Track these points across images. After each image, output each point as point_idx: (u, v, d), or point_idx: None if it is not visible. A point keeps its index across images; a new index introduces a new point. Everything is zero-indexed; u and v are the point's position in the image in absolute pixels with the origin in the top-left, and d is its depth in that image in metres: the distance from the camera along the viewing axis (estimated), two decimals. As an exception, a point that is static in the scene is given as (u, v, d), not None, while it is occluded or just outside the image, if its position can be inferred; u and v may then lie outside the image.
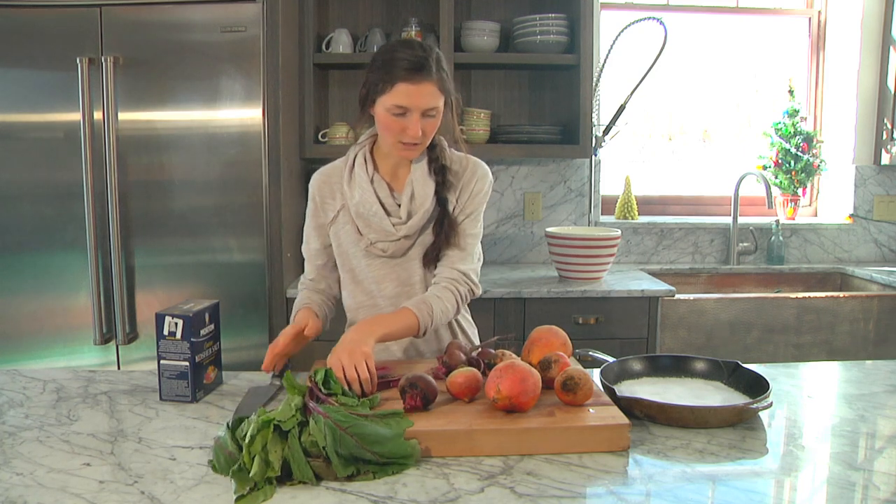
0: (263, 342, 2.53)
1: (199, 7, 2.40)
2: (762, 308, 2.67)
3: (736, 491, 1.06)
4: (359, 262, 1.66)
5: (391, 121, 1.51)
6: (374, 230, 1.62)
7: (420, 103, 1.49)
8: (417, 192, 1.61)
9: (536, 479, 1.09)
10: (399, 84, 1.48)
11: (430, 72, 1.49)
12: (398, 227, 1.60)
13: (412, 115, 1.50)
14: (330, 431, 1.06)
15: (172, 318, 1.42)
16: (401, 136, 1.52)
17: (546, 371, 1.34)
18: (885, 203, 3.34)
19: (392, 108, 1.50)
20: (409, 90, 1.48)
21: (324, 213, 1.68)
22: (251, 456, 1.04)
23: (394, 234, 1.60)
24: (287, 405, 1.13)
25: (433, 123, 1.54)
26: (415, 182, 1.61)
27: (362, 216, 1.61)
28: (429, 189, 1.61)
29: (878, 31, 3.26)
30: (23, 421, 1.33)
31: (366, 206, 1.60)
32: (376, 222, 1.61)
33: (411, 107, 1.49)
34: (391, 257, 1.64)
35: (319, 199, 1.68)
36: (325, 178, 1.69)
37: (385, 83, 1.49)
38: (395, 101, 1.49)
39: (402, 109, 1.49)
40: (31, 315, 2.51)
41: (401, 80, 1.48)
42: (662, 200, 3.47)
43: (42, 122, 2.45)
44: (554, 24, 2.84)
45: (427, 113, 1.51)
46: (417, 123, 1.50)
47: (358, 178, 1.62)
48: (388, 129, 1.53)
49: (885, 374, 1.61)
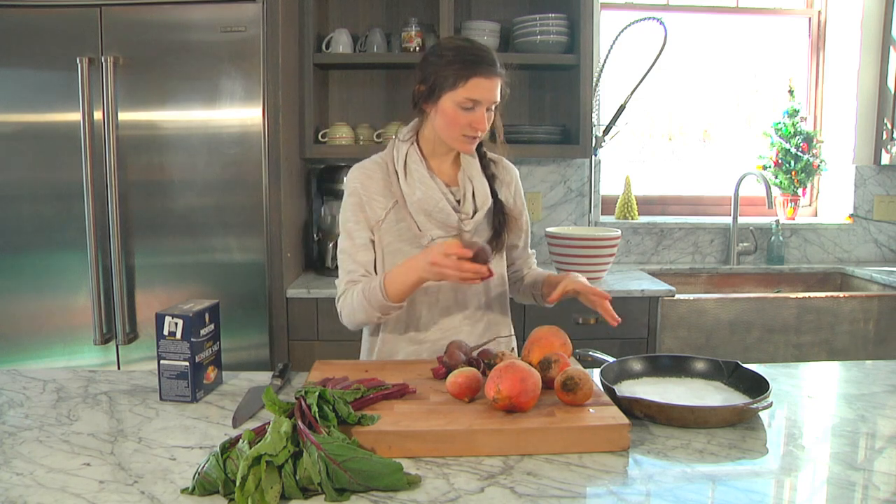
0: (263, 342, 2.53)
1: (199, 7, 2.40)
2: (762, 308, 2.67)
3: (736, 491, 1.06)
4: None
5: (459, 115, 1.56)
6: (436, 225, 1.63)
7: (491, 97, 1.56)
8: (477, 188, 1.66)
9: (536, 479, 1.09)
10: (474, 78, 1.53)
11: (498, 67, 1.57)
12: (465, 222, 1.63)
13: (480, 109, 1.56)
14: (324, 465, 1.02)
15: (172, 318, 1.42)
16: (466, 129, 1.57)
17: (546, 371, 1.34)
18: (885, 203, 3.34)
19: (463, 102, 1.54)
20: (484, 84, 1.54)
21: (371, 209, 1.66)
22: (245, 498, 0.99)
23: (461, 228, 1.63)
24: (276, 432, 1.06)
25: (492, 117, 1.61)
26: (473, 178, 1.66)
27: (426, 212, 1.62)
28: (486, 185, 1.67)
29: (878, 31, 3.26)
30: (23, 421, 1.33)
31: (430, 202, 1.62)
32: (442, 218, 1.62)
33: (483, 100, 1.55)
34: None
35: (366, 196, 1.66)
36: (369, 173, 1.68)
37: (458, 78, 1.54)
38: (469, 95, 1.54)
39: (473, 103, 1.55)
40: (31, 315, 2.51)
41: (477, 74, 1.53)
42: (662, 200, 3.47)
43: (42, 122, 2.45)
44: (554, 24, 2.84)
45: (490, 107, 1.58)
46: (484, 117, 1.57)
47: (417, 174, 1.63)
48: (454, 122, 1.57)
49: (885, 374, 1.61)
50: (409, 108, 3.29)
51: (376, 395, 1.29)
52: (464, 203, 1.65)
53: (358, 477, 1.03)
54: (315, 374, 1.44)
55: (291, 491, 1.02)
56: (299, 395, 1.18)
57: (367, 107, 3.13)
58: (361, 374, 1.43)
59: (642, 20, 2.99)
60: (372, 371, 1.47)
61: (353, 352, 2.58)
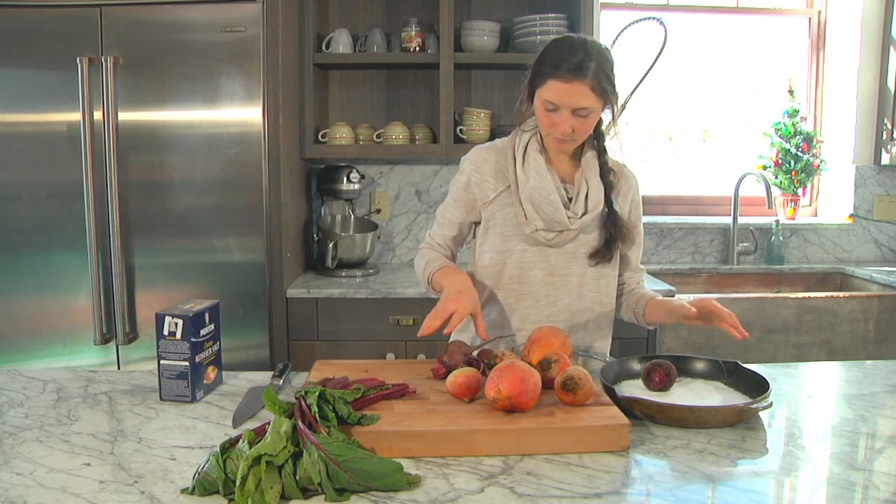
0: (263, 342, 2.53)
1: (199, 7, 2.40)
2: (762, 308, 2.67)
3: (736, 491, 1.06)
4: (514, 245, 1.66)
5: (543, 114, 1.56)
6: (542, 217, 1.62)
7: (569, 101, 1.51)
8: (592, 191, 1.63)
9: (536, 479, 1.09)
10: (550, 81, 1.51)
11: (583, 72, 1.49)
12: (572, 220, 1.61)
13: (562, 112, 1.53)
14: (324, 465, 1.02)
15: (172, 318, 1.42)
16: (550, 129, 1.56)
17: (546, 371, 1.34)
18: (885, 203, 3.34)
19: (545, 103, 1.53)
20: (559, 88, 1.50)
21: (480, 189, 1.68)
22: (245, 498, 0.99)
23: (566, 225, 1.61)
24: (276, 432, 1.06)
25: (585, 123, 1.55)
26: (589, 181, 1.64)
27: (534, 202, 1.61)
28: (601, 190, 1.64)
29: (878, 31, 3.26)
30: (23, 421, 1.32)
31: (542, 192, 1.60)
32: (550, 211, 1.61)
33: (560, 104, 1.52)
34: (551, 246, 1.65)
35: (478, 176, 1.68)
36: (487, 155, 1.69)
37: (540, 77, 1.53)
38: (546, 97, 1.52)
39: (552, 105, 1.52)
40: (31, 315, 2.51)
41: (552, 77, 1.51)
42: (662, 200, 3.47)
43: (42, 122, 2.45)
44: (554, 24, 2.84)
45: (577, 112, 1.52)
46: (566, 121, 1.53)
47: (534, 164, 1.62)
48: (540, 121, 1.58)
49: (885, 374, 1.61)
50: (414, 109, 3.31)
51: (376, 395, 1.29)
52: (575, 202, 1.62)
53: (358, 477, 1.03)
54: (315, 374, 1.44)
55: (291, 491, 1.02)
56: (299, 395, 1.18)
57: (367, 107, 3.13)
58: (361, 374, 1.43)
59: (642, 20, 2.98)
60: (372, 371, 1.47)
61: (354, 352, 2.60)
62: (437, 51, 2.86)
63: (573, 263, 1.67)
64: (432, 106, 3.09)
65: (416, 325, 2.50)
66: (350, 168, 2.94)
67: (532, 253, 1.66)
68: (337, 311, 2.60)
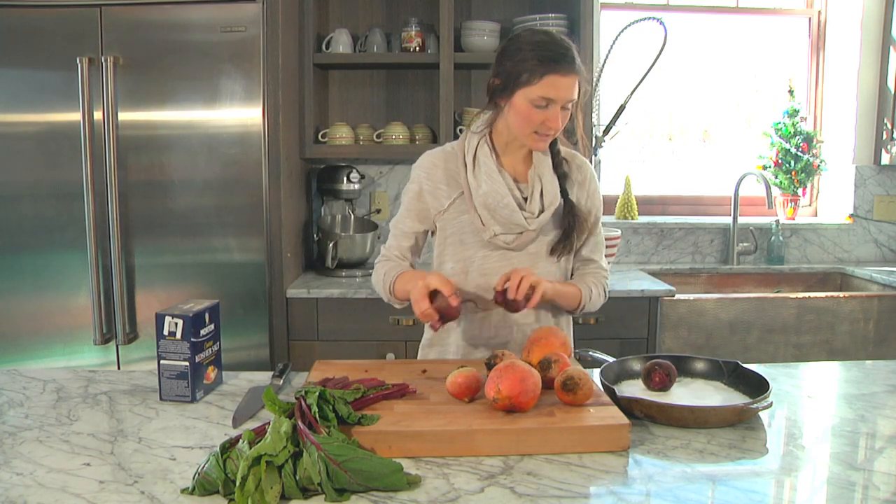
0: (263, 342, 2.54)
1: (199, 7, 2.40)
2: (762, 308, 2.67)
3: (736, 491, 1.06)
4: (475, 252, 1.65)
5: (532, 112, 1.51)
6: (499, 222, 1.60)
7: (566, 95, 1.50)
8: (546, 187, 1.61)
9: (536, 479, 1.09)
10: (549, 76, 1.48)
11: (577, 65, 1.50)
12: (530, 221, 1.59)
13: (554, 107, 1.50)
14: (324, 465, 1.02)
15: (172, 318, 1.42)
16: (539, 127, 1.53)
17: (546, 371, 1.34)
18: (885, 203, 3.34)
19: (537, 100, 1.49)
20: (559, 82, 1.48)
21: (434, 198, 1.66)
22: (245, 498, 0.99)
23: (525, 227, 1.59)
24: (276, 432, 1.06)
25: (567, 116, 1.55)
26: (542, 177, 1.62)
27: (489, 207, 1.59)
28: (555, 184, 1.62)
29: (878, 31, 3.26)
30: (23, 421, 1.33)
31: (495, 197, 1.58)
32: (506, 214, 1.59)
33: (557, 99, 1.49)
34: (512, 249, 1.64)
35: (430, 185, 1.66)
36: (436, 161, 1.67)
37: (532, 74, 1.49)
38: (542, 93, 1.49)
39: (546, 101, 1.49)
40: (31, 315, 2.51)
41: (552, 72, 1.47)
42: (662, 200, 3.47)
43: (42, 122, 2.46)
44: (554, 24, 2.84)
45: (566, 105, 1.52)
46: (559, 115, 1.51)
47: (485, 168, 1.60)
48: (526, 119, 1.53)
49: (885, 374, 1.61)
50: (414, 109, 3.30)
51: (376, 395, 1.29)
52: (530, 202, 1.60)
53: (358, 477, 1.03)
54: (315, 374, 1.44)
55: (291, 491, 1.02)
56: (299, 395, 1.18)
57: (367, 107, 3.13)
58: (361, 374, 1.43)
59: (642, 20, 2.98)
60: (372, 371, 1.47)
61: (353, 352, 2.60)
62: (437, 51, 2.86)
63: (537, 263, 1.65)
64: (432, 106, 3.09)
65: (417, 326, 2.50)
66: (350, 168, 2.94)
67: (494, 258, 1.64)
68: (337, 311, 2.60)
